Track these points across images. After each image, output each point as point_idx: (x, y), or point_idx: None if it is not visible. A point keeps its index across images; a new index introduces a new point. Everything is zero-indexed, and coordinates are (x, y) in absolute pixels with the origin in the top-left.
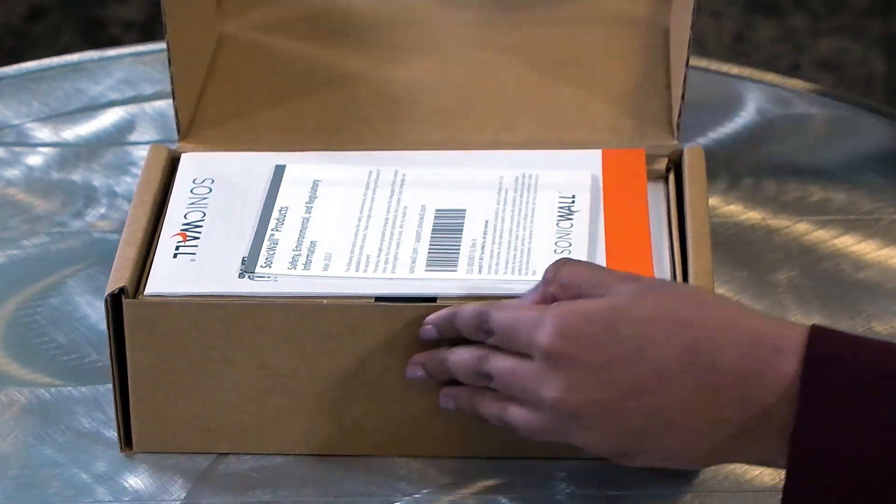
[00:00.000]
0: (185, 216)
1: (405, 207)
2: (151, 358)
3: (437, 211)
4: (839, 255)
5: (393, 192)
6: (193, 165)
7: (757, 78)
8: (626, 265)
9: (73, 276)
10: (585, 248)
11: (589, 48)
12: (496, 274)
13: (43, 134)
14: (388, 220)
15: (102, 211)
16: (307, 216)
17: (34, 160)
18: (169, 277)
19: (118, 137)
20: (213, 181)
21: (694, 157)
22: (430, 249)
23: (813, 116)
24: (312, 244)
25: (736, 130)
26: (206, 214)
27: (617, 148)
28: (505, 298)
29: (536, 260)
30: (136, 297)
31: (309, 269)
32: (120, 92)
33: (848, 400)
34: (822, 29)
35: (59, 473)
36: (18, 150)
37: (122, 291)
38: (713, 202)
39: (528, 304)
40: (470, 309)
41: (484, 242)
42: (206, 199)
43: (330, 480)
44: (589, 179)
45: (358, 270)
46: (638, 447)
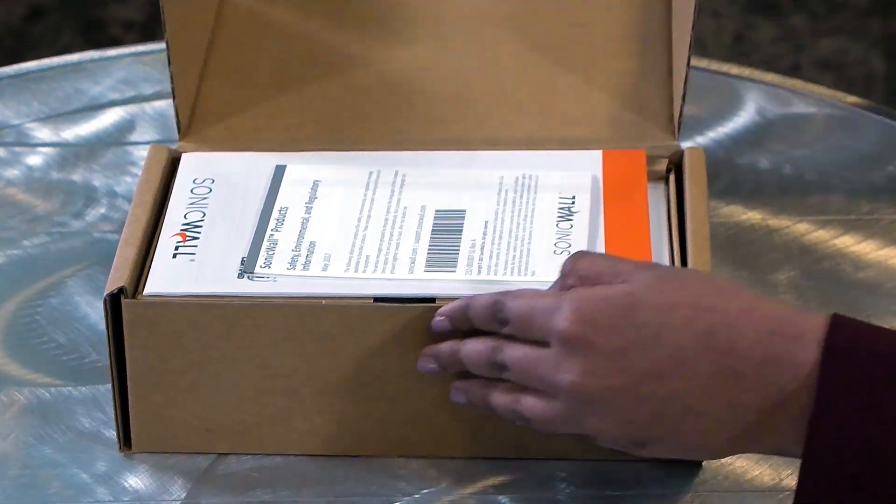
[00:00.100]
0: (184, 216)
1: (405, 208)
2: (151, 358)
3: (436, 211)
4: (839, 255)
5: (393, 192)
6: (193, 165)
7: (757, 78)
8: None
9: (73, 276)
10: (585, 248)
11: (590, 32)
12: (495, 275)
13: (43, 134)
14: (387, 220)
15: (102, 211)
16: (307, 216)
17: (34, 160)
18: (168, 277)
19: (118, 137)
20: (213, 181)
21: (694, 158)
22: (429, 250)
23: (813, 116)
24: (312, 244)
25: (736, 130)
26: (205, 214)
27: (618, 146)
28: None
29: (536, 260)
30: (135, 297)
31: (308, 269)
32: (120, 92)
33: (866, 389)
34: (822, 29)
35: (59, 473)
36: (18, 150)
37: (121, 291)
38: (713, 202)
39: (543, 291)
40: (484, 298)
41: (483, 243)
42: (206, 199)
43: (330, 480)
44: (589, 180)
45: (357, 271)
46: (654, 435)
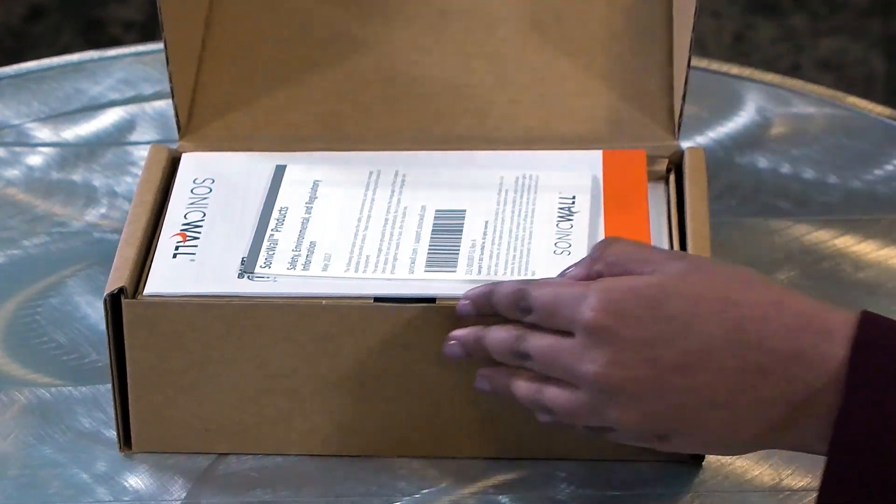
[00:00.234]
0: (185, 216)
1: (405, 208)
2: (151, 358)
3: (436, 211)
4: (839, 255)
5: (393, 192)
6: (194, 165)
7: (757, 78)
8: None
9: (73, 276)
10: (585, 249)
11: (590, 29)
12: (496, 275)
13: (43, 134)
14: (387, 220)
15: (102, 211)
16: (307, 216)
17: (34, 160)
18: (168, 277)
19: (118, 137)
20: (213, 181)
21: (694, 158)
22: (429, 250)
23: (813, 116)
24: (312, 244)
25: (736, 130)
26: (206, 214)
27: (618, 145)
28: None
29: (536, 261)
30: (135, 297)
31: (308, 269)
32: (120, 92)
33: (894, 386)
34: (822, 29)
35: (59, 473)
36: (18, 150)
37: (121, 291)
38: (712, 202)
39: (568, 280)
40: (508, 285)
41: (484, 243)
42: (206, 199)
43: (330, 480)
44: (589, 180)
45: (357, 271)
46: (678, 428)
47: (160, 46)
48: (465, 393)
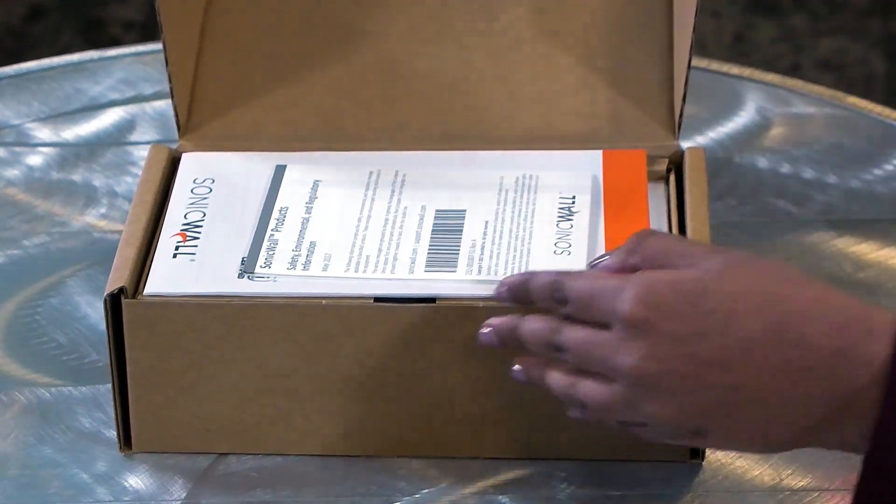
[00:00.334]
0: (185, 216)
1: (405, 208)
2: (151, 358)
3: (437, 211)
4: (839, 255)
5: (393, 192)
6: (194, 165)
7: (757, 78)
8: None
9: (73, 276)
10: (585, 248)
11: (591, 28)
12: (496, 275)
13: (43, 134)
14: (387, 220)
15: (102, 211)
16: (307, 216)
17: (34, 160)
18: (168, 277)
19: (118, 137)
20: (213, 181)
21: (695, 158)
22: (429, 250)
23: (813, 116)
24: (312, 244)
25: (736, 130)
26: (206, 214)
27: (618, 145)
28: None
29: (536, 261)
30: (135, 297)
31: (308, 269)
32: (120, 92)
33: None
34: (822, 29)
35: (59, 473)
36: (18, 150)
37: (121, 291)
38: (712, 202)
39: (605, 273)
40: (544, 276)
41: (484, 243)
42: (206, 199)
43: (330, 480)
44: (589, 180)
45: (357, 271)
46: (714, 424)
47: (160, 46)
48: (465, 393)
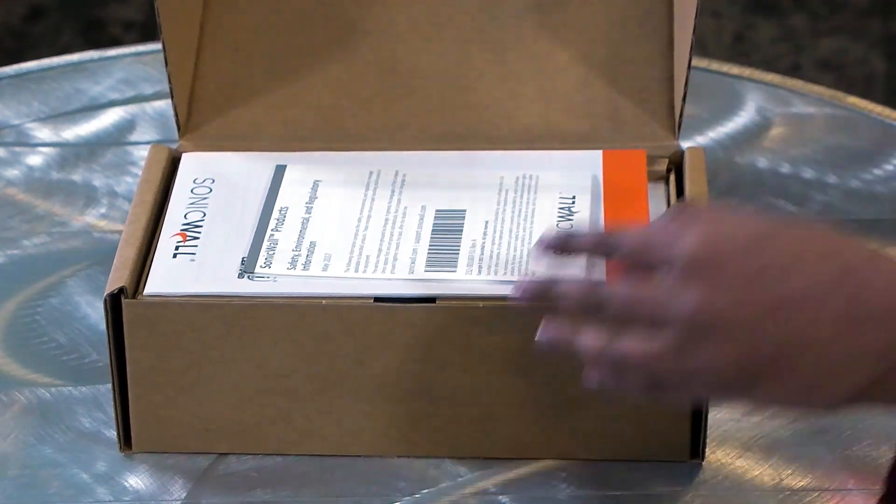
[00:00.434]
0: (185, 216)
1: (405, 208)
2: (151, 358)
3: (437, 211)
4: None
5: (393, 192)
6: (194, 165)
7: (757, 78)
8: None
9: (73, 276)
10: None
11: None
12: (496, 274)
13: (43, 134)
14: (387, 220)
15: (102, 211)
16: (307, 216)
17: (34, 160)
18: (168, 277)
19: (118, 137)
20: (213, 181)
21: (695, 158)
22: (429, 250)
23: (813, 116)
24: (312, 244)
25: (736, 130)
26: (206, 214)
27: (618, 145)
28: (505, 300)
29: (536, 261)
30: (135, 297)
31: (308, 269)
32: (120, 92)
33: None
34: (822, 29)
35: (59, 473)
36: (18, 150)
37: (121, 291)
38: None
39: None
40: (591, 231)
41: (484, 243)
42: (206, 199)
43: (330, 480)
44: (589, 180)
45: (357, 271)
46: (769, 372)
47: (160, 46)
48: (465, 393)
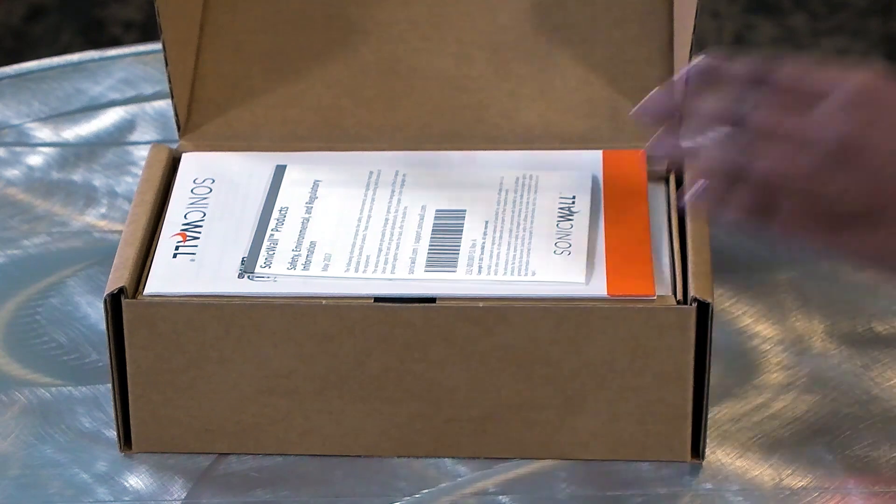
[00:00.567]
0: (185, 216)
1: (405, 208)
2: (151, 358)
3: (437, 211)
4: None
5: (393, 192)
6: (194, 165)
7: None
8: (625, 266)
9: (73, 276)
10: (585, 248)
11: (591, 26)
12: (496, 275)
13: (43, 134)
14: (387, 220)
15: (102, 211)
16: (307, 216)
17: (34, 160)
18: (168, 277)
19: (118, 137)
20: (213, 181)
21: None
22: (429, 250)
23: None
24: (312, 244)
25: None
26: (206, 214)
27: (617, 143)
28: (505, 300)
29: (536, 261)
30: (135, 297)
31: (308, 269)
32: (120, 92)
33: None
34: (822, 29)
35: (59, 473)
36: (18, 150)
37: (121, 291)
38: None
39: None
40: (744, 61)
41: (484, 243)
42: (206, 199)
43: (330, 480)
44: (589, 180)
45: (357, 271)
46: (892, 215)
47: (160, 46)
48: (465, 393)
